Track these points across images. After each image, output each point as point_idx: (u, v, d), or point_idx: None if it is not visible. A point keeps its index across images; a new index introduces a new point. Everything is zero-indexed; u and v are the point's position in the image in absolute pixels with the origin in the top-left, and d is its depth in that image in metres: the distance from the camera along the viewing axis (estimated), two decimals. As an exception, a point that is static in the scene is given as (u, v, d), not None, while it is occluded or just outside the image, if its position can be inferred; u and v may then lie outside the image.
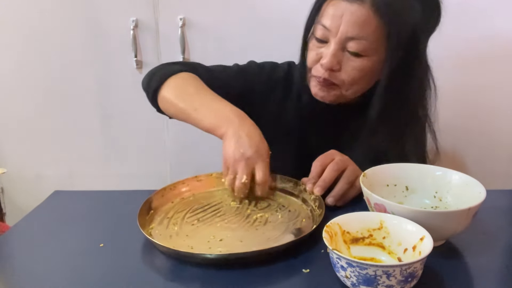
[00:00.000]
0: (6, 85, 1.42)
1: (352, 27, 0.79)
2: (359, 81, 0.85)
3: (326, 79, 0.84)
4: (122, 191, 0.86)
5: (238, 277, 0.58)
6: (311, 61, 0.87)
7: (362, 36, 0.79)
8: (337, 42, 0.81)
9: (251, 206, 0.76)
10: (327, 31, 0.82)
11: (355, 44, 0.80)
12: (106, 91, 1.40)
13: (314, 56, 0.86)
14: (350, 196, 0.77)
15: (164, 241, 0.63)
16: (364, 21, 0.79)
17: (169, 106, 0.86)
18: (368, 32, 0.79)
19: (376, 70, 0.84)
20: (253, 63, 1.01)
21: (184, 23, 1.32)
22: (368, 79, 0.85)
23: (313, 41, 0.86)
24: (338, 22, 0.80)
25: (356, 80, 0.84)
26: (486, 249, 0.64)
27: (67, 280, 0.58)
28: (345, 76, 0.83)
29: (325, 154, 0.79)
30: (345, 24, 0.79)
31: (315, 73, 0.86)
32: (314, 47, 0.86)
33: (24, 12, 1.34)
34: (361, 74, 0.83)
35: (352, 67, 0.83)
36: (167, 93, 0.86)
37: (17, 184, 1.52)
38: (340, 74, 0.84)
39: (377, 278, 0.50)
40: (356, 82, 0.85)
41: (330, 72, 0.83)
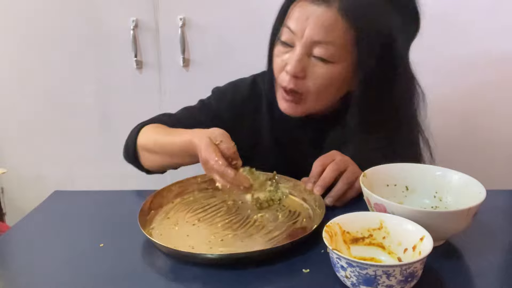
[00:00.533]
0: (6, 85, 1.42)
1: (318, 30, 0.76)
2: (326, 90, 0.81)
3: (292, 89, 0.80)
4: (122, 191, 0.86)
5: (238, 277, 0.58)
6: (277, 68, 0.83)
7: (329, 41, 0.76)
8: (303, 46, 0.78)
9: (252, 207, 0.76)
10: (293, 35, 0.79)
11: (321, 49, 0.77)
12: (106, 91, 1.40)
13: (279, 63, 0.82)
14: (349, 197, 0.77)
15: (165, 241, 0.63)
16: (331, 25, 0.75)
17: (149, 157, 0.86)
18: (335, 37, 0.76)
19: (346, 78, 0.80)
20: (215, 92, 0.98)
21: (184, 23, 1.32)
22: (336, 88, 0.81)
23: (279, 46, 0.82)
24: (303, 25, 0.77)
25: (322, 88, 0.80)
26: (486, 249, 0.64)
27: (67, 280, 0.58)
28: (311, 84, 0.79)
29: (326, 154, 0.79)
30: (311, 28, 0.76)
31: (281, 82, 0.82)
32: (280, 53, 0.82)
33: (24, 12, 1.34)
34: (328, 82, 0.79)
35: (318, 74, 0.79)
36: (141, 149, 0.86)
37: (17, 184, 1.52)
38: (305, 82, 0.80)
39: (377, 278, 0.50)
40: (323, 91, 0.81)
41: (296, 80, 0.79)
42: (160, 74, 1.38)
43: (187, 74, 1.37)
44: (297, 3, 0.79)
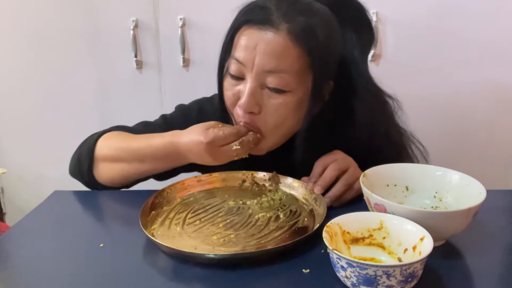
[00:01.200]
0: (6, 85, 1.42)
1: (269, 59, 0.70)
2: (286, 122, 0.75)
3: (247, 123, 0.74)
4: (122, 191, 0.86)
5: (238, 276, 0.58)
6: (229, 103, 0.76)
7: (282, 69, 0.70)
8: (254, 78, 0.71)
9: (252, 206, 0.76)
10: (242, 66, 0.72)
11: (275, 79, 0.70)
12: (106, 91, 1.40)
13: (231, 97, 0.75)
14: (347, 197, 0.76)
15: (167, 242, 0.63)
16: (282, 51, 0.69)
17: (113, 175, 0.81)
18: (288, 64, 0.70)
19: (304, 105, 0.74)
20: (179, 109, 0.93)
21: (184, 23, 1.32)
22: (296, 117, 0.75)
23: (228, 78, 0.76)
24: (252, 54, 0.70)
25: (281, 120, 0.74)
26: (486, 249, 0.64)
27: (67, 280, 0.58)
28: (268, 117, 0.73)
29: (328, 154, 0.78)
30: (261, 56, 0.70)
31: (237, 118, 0.75)
32: (230, 86, 0.76)
33: (24, 12, 1.34)
34: (286, 113, 0.73)
35: (275, 106, 0.72)
36: (102, 160, 0.81)
37: (17, 184, 1.52)
38: (262, 117, 0.74)
39: (377, 278, 0.50)
40: (282, 123, 0.75)
41: (251, 116, 0.73)
42: (160, 74, 1.38)
43: (187, 74, 1.37)
44: (242, 31, 0.73)
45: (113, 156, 0.81)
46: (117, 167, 0.82)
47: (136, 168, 0.81)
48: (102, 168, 0.83)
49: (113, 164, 0.82)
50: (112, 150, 0.81)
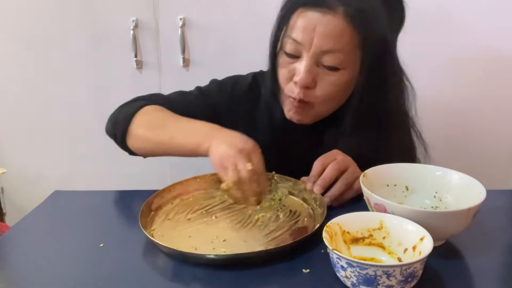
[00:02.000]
0: (6, 85, 1.42)
1: (326, 39, 0.75)
2: (335, 97, 0.81)
3: (301, 99, 0.79)
4: (122, 191, 0.86)
5: (238, 277, 0.58)
6: (284, 79, 0.82)
7: (338, 49, 0.75)
8: (311, 56, 0.76)
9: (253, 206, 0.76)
10: (299, 45, 0.77)
11: (330, 58, 0.76)
12: (106, 91, 1.40)
13: (286, 74, 0.81)
14: (347, 197, 0.76)
15: (167, 243, 0.63)
16: (339, 33, 0.75)
17: (143, 143, 0.83)
18: (343, 44, 0.75)
19: (351, 82, 0.81)
20: (214, 82, 0.97)
21: (184, 23, 1.32)
22: (343, 93, 0.82)
23: (283, 56, 0.81)
24: (311, 35, 0.75)
25: (331, 96, 0.80)
26: (486, 249, 0.64)
27: (67, 280, 0.58)
28: (321, 92, 0.79)
29: (327, 154, 0.78)
30: (319, 37, 0.75)
31: (289, 93, 0.81)
32: (285, 63, 0.81)
33: (24, 12, 1.34)
34: (337, 89, 0.79)
35: (328, 83, 0.78)
36: (138, 131, 0.82)
37: (17, 184, 1.52)
38: (315, 91, 0.79)
39: (377, 278, 0.50)
40: (332, 99, 0.81)
41: (305, 91, 0.79)
42: (160, 74, 1.38)
43: (187, 74, 1.37)
44: (299, 13, 0.77)
45: (147, 130, 0.82)
46: (146, 144, 0.83)
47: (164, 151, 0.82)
48: (134, 136, 0.84)
49: (143, 141, 0.83)
50: (146, 126, 0.83)
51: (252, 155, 0.70)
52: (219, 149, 0.70)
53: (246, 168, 0.68)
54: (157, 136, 0.80)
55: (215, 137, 0.73)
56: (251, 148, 0.71)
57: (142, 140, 0.83)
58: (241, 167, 0.68)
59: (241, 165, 0.68)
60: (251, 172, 0.67)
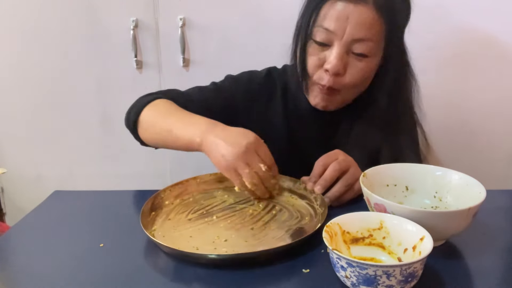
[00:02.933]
0: (6, 85, 1.41)
1: (359, 29, 0.78)
2: (361, 83, 0.85)
3: (331, 87, 0.83)
4: (122, 191, 0.86)
5: (238, 277, 0.58)
6: (313, 66, 0.84)
7: (369, 37, 0.79)
8: (343, 45, 0.80)
9: (253, 206, 0.76)
10: (331, 34, 0.80)
11: (361, 46, 0.79)
12: (106, 91, 1.40)
13: (316, 61, 0.84)
14: (347, 198, 0.76)
15: (169, 243, 0.63)
16: (370, 22, 0.78)
17: (148, 135, 0.85)
18: (374, 33, 0.79)
19: (375, 69, 0.84)
20: (229, 77, 0.99)
21: (184, 23, 1.32)
22: (367, 80, 0.86)
23: (313, 45, 0.83)
24: (344, 25, 0.78)
25: (358, 82, 0.83)
26: (486, 249, 0.64)
27: (67, 280, 0.58)
28: (349, 79, 0.82)
29: (329, 154, 0.78)
30: (352, 27, 0.78)
31: (319, 80, 0.84)
32: (315, 51, 0.83)
33: (23, 12, 1.34)
34: (364, 76, 0.83)
35: (357, 69, 0.82)
36: (144, 123, 0.85)
37: (17, 184, 1.51)
38: (344, 78, 0.83)
39: (377, 278, 0.50)
40: (358, 85, 0.84)
41: (335, 78, 0.82)
42: (160, 74, 1.38)
43: (187, 74, 1.37)
44: (332, 3, 0.80)
45: (151, 122, 0.84)
46: (153, 135, 0.85)
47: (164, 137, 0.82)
48: (143, 129, 0.86)
49: (151, 132, 0.85)
50: (151, 118, 0.85)
51: (259, 149, 0.70)
52: (220, 149, 0.69)
53: (261, 169, 0.69)
54: (159, 128, 0.82)
55: (210, 132, 0.72)
56: (255, 141, 0.71)
57: (148, 131, 0.85)
58: (256, 168, 0.69)
59: (255, 166, 0.69)
60: (266, 174, 0.70)
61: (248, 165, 0.69)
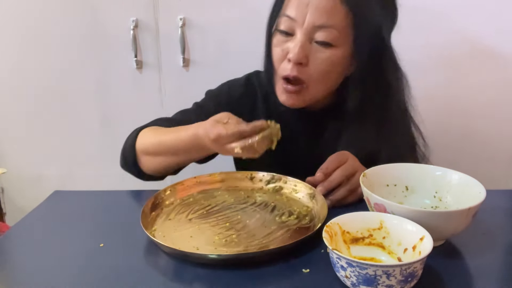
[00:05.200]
0: (6, 85, 1.42)
1: (320, 15, 0.77)
2: (328, 76, 0.82)
3: (295, 76, 0.80)
4: (122, 191, 0.86)
5: (238, 276, 0.58)
6: (277, 58, 0.82)
7: (331, 25, 0.77)
8: (305, 32, 0.78)
9: (253, 206, 0.76)
10: (293, 22, 0.79)
11: (324, 33, 0.77)
12: (106, 91, 1.40)
13: (280, 53, 0.82)
14: (348, 201, 0.77)
15: (169, 243, 0.63)
16: (332, 9, 0.76)
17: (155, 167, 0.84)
18: (336, 20, 0.77)
19: (344, 64, 0.81)
20: (209, 94, 0.97)
21: (184, 23, 1.32)
22: (336, 73, 0.83)
23: (277, 36, 0.82)
24: (304, 11, 0.77)
25: (325, 74, 0.81)
26: (486, 249, 0.64)
27: (67, 280, 0.58)
28: (314, 70, 0.80)
29: (339, 156, 0.78)
30: (312, 12, 0.77)
31: (283, 72, 0.81)
32: (279, 43, 0.82)
33: (24, 12, 1.34)
34: (330, 67, 0.80)
35: (321, 59, 0.79)
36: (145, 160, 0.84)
37: (17, 184, 1.52)
38: (308, 69, 0.80)
39: (377, 278, 0.50)
40: (325, 77, 0.81)
41: (299, 67, 0.79)
42: (160, 74, 1.38)
43: (187, 74, 1.37)
44: None
45: (151, 151, 0.84)
46: (157, 160, 0.84)
47: (173, 160, 0.83)
48: (144, 161, 0.85)
49: (152, 158, 0.84)
50: (149, 146, 0.84)
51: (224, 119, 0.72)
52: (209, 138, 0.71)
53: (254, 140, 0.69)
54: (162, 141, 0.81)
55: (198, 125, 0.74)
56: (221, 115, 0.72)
57: (150, 155, 0.84)
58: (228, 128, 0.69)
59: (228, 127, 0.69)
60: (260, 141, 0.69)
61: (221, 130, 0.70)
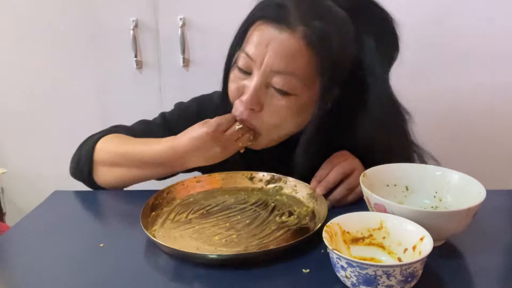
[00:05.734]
0: (6, 85, 1.42)
1: (279, 59, 0.69)
2: (285, 123, 0.74)
3: (245, 120, 0.73)
4: (122, 191, 0.86)
5: (238, 277, 0.58)
6: (233, 95, 0.76)
7: (290, 71, 0.69)
8: (261, 75, 0.70)
9: (253, 207, 0.76)
10: (251, 61, 0.71)
11: (281, 80, 0.69)
12: (106, 91, 1.40)
13: (235, 90, 0.75)
14: (348, 200, 0.76)
15: (169, 243, 0.63)
16: (294, 54, 0.68)
17: (111, 180, 0.82)
18: (297, 67, 0.69)
19: (308, 107, 0.74)
20: (178, 107, 0.93)
21: (184, 23, 1.32)
22: (296, 119, 0.75)
23: (235, 71, 0.75)
24: (263, 52, 0.69)
25: (280, 122, 0.74)
26: (486, 249, 0.64)
27: (67, 280, 0.58)
28: (268, 117, 0.73)
29: (337, 154, 0.77)
30: (271, 55, 0.69)
31: (235, 111, 0.75)
32: (236, 79, 0.75)
33: (24, 12, 1.34)
34: (287, 114, 0.73)
35: (276, 107, 0.72)
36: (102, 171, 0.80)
37: (17, 184, 1.52)
38: (261, 115, 0.73)
39: (377, 278, 0.50)
40: (281, 124, 0.74)
41: (250, 112, 0.73)
42: (160, 74, 1.38)
43: (187, 74, 1.37)
44: (257, 26, 0.72)
45: (112, 161, 0.81)
46: (116, 172, 0.82)
47: (135, 173, 0.81)
48: (101, 172, 0.83)
49: (112, 169, 0.82)
50: (110, 155, 0.80)
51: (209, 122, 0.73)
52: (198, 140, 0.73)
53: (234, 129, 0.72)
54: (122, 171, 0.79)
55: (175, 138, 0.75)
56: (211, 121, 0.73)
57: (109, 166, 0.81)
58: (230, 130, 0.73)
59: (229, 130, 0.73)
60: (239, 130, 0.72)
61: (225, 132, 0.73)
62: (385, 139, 0.78)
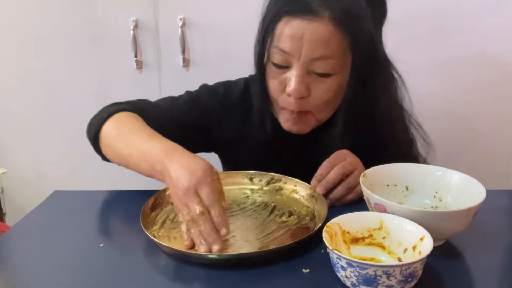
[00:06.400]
0: (6, 85, 1.42)
1: (316, 47, 0.72)
2: (332, 102, 0.80)
3: (299, 111, 0.77)
4: (122, 191, 0.86)
5: (238, 277, 0.58)
6: (275, 91, 0.79)
7: (328, 55, 0.73)
8: (302, 65, 0.74)
9: (253, 206, 0.76)
10: (287, 55, 0.74)
11: (322, 64, 0.74)
12: (106, 91, 1.40)
13: (277, 85, 0.78)
14: (348, 200, 0.76)
15: (168, 243, 0.63)
16: (327, 38, 0.72)
17: (109, 152, 0.79)
18: (333, 49, 0.73)
19: (344, 84, 0.79)
20: (205, 87, 0.93)
21: (184, 23, 1.32)
22: (338, 97, 0.80)
23: (272, 67, 0.78)
24: (299, 44, 0.73)
25: (328, 102, 0.79)
26: (486, 249, 0.64)
27: (67, 280, 0.58)
28: (317, 100, 0.77)
29: (337, 154, 0.78)
30: (308, 45, 0.72)
31: (285, 105, 0.78)
32: (275, 74, 0.78)
33: (24, 12, 1.34)
34: (332, 94, 0.78)
35: (322, 90, 0.76)
36: (105, 138, 0.79)
37: (17, 184, 1.52)
38: (311, 99, 0.77)
39: (377, 278, 0.50)
40: (329, 104, 0.80)
41: (300, 101, 0.76)
42: (160, 74, 1.38)
43: (187, 74, 1.37)
44: (285, 22, 0.74)
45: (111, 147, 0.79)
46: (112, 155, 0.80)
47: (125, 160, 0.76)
48: (104, 147, 0.81)
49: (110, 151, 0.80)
50: (112, 136, 0.79)
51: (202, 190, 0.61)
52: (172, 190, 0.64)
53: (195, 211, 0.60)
54: (118, 149, 0.76)
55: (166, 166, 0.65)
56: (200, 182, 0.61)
57: (108, 149, 0.79)
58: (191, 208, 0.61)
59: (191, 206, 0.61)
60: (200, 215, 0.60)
61: (187, 207, 0.62)
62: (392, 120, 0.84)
